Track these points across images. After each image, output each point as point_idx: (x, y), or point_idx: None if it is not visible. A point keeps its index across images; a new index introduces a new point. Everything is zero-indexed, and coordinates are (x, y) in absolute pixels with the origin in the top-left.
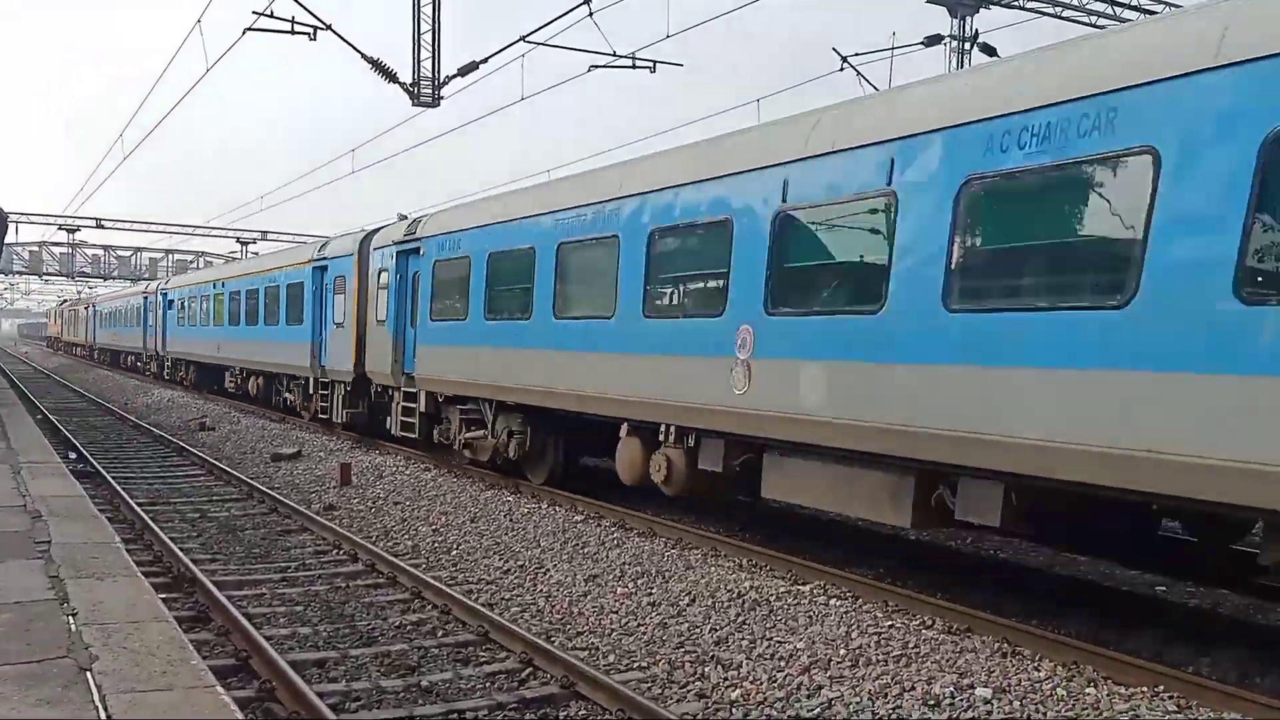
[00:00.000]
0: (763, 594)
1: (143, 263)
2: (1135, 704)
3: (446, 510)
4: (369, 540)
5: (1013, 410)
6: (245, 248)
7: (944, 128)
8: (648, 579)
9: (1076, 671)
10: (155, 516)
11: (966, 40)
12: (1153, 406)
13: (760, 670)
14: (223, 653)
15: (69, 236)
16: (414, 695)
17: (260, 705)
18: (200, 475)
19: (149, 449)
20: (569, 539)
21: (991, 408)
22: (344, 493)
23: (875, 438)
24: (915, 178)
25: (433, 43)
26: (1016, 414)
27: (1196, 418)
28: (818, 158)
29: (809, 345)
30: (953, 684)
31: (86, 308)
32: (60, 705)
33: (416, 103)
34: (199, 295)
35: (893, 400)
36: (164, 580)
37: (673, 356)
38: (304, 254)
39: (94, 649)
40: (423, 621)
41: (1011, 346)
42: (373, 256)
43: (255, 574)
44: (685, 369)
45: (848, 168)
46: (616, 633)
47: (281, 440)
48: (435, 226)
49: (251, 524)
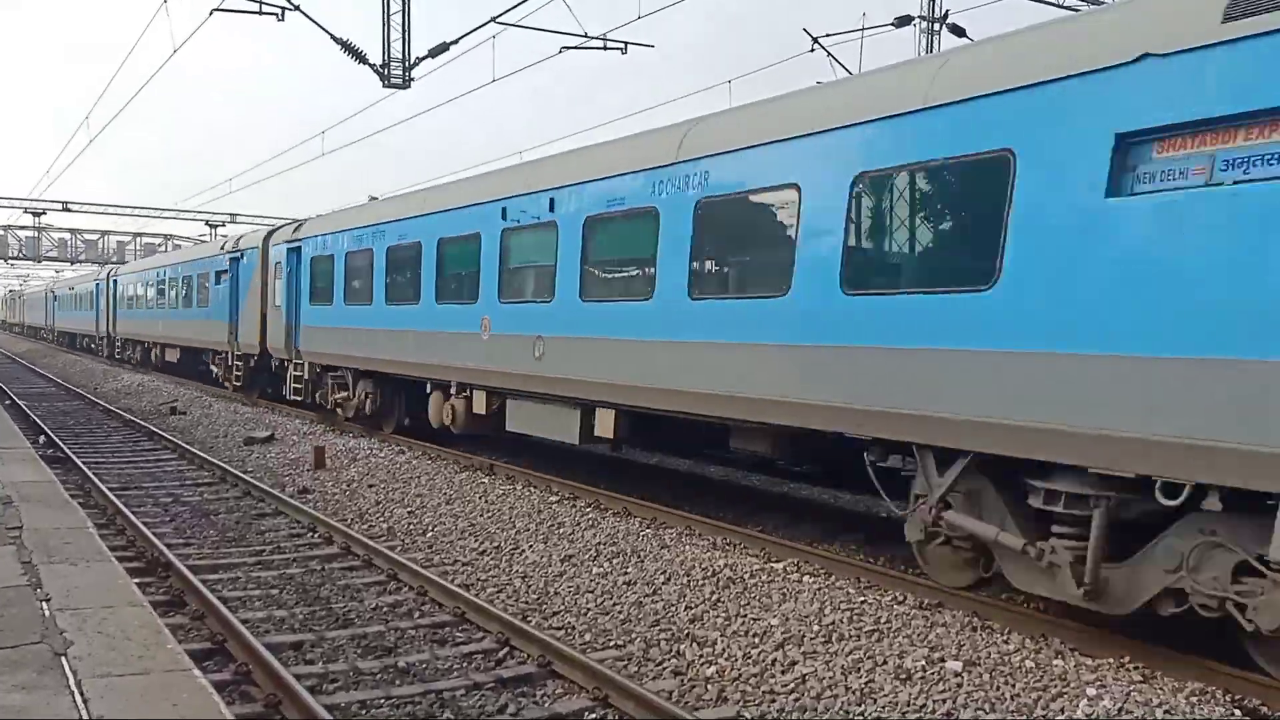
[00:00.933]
0: (737, 572)
1: (110, 246)
2: (1102, 674)
3: (422, 492)
4: (344, 523)
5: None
6: (214, 230)
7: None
8: (623, 558)
9: (1044, 644)
10: (127, 501)
11: (936, 21)
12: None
13: (735, 647)
14: (198, 636)
15: (35, 220)
16: (391, 676)
17: (237, 688)
18: (172, 459)
19: (120, 434)
20: (544, 519)
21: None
22: (318, 476)
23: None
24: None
25: (403, 24)
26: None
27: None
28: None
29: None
30: (924, 658)
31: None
32: (36, 690)
33: (387, 84)
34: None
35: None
36: (137, 565)
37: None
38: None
39: (69, 634)
40: (399, 603)
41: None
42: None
43: (230, 558)
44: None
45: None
46: (593, 612)
47: (254, 424)
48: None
49: (225, 508)
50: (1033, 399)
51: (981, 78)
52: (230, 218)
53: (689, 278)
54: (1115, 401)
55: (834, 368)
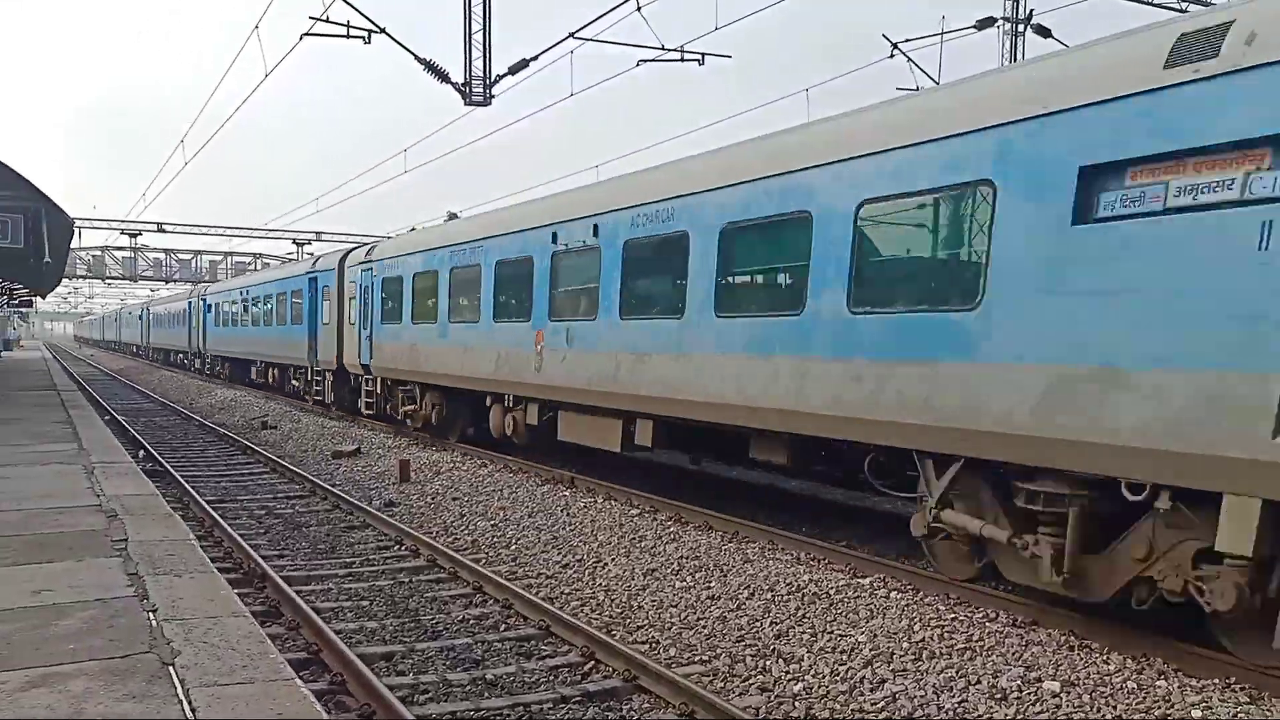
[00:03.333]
0: (822, 587)
1: (203, 266)
2: (1207, 695)
3: (504, 505)
4: (429, 536)
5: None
6: (300, 249)
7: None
8: (706, 572)
9: (1146, 664)
10: (224, 514)
11: (1020, 22)
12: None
13: (822, 664)
14: (294, 646)
15: (131, 241)
16: (480, 689)
17: (333, 698)
18: (265, 473)
19: (214, 448)
20: (626, 533)
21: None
22: (403, 489)
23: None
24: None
25: (484, 42)
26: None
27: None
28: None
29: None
30: (1019, 677)
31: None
32: (146, 700)
33: (469, 102)
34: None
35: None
36: (235, 576)
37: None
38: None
39: (175, 644)
40: (485, 615)
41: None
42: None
43: (322, 569)
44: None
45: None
46: (676, 626)
47: (341, 438)
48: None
49: (316, 520)
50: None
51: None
52: (316, 236)
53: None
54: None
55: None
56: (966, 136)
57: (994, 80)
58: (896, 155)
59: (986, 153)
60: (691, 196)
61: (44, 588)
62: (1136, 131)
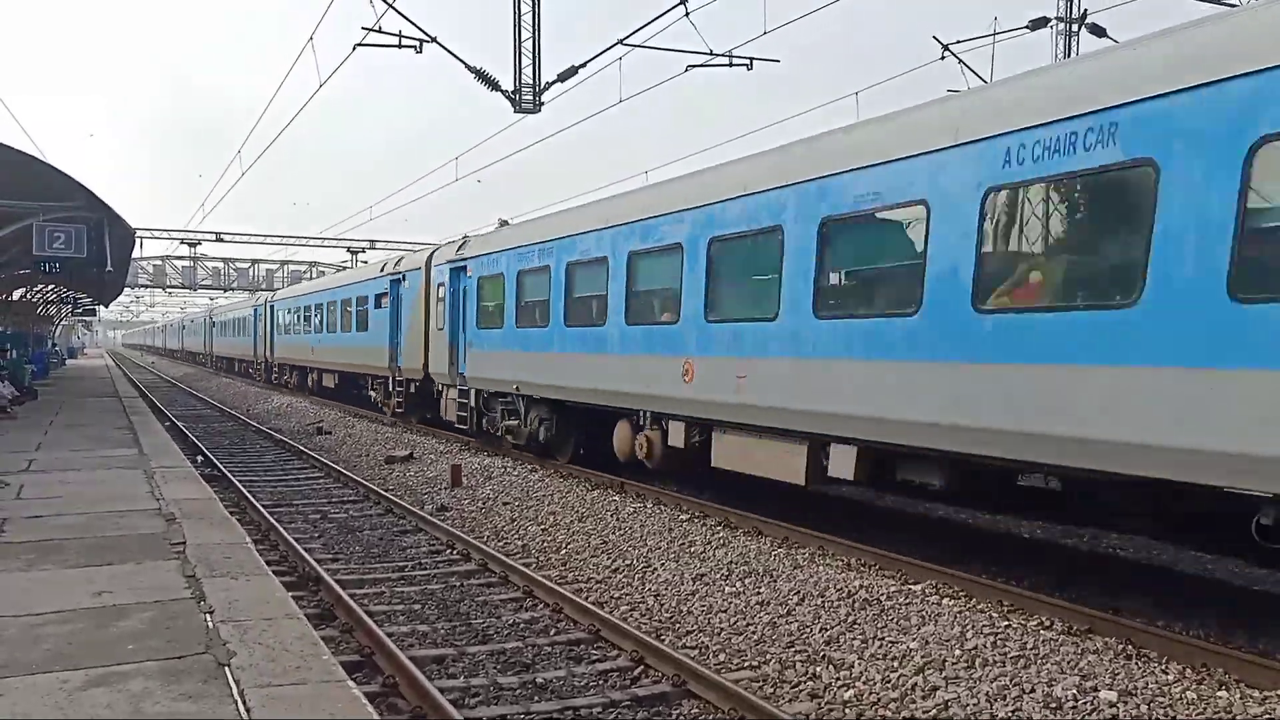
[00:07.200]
0: (873, 593)
1: (260, 274)
2: (1270, 707)
3: (554, 510)
4: (480, 540)
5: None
6: (355, 256)
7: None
8: (755, 578)
9: (1206, 674)
10: (279, 518)
11: (1074, 21)
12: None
13: (873, 670)
14: (347, 649)
15: (190, 250)
16: (530, 692)
17: (385, 700)
18: (319, 478)
19: (271, 453)
20: (675, 538)
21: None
22: (455, 494)
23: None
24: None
25: (533, 50)
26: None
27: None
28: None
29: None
30: (1075, 686)
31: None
32: (201, 700)
33: (519, 109)
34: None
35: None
36: (290, 579)
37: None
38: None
39: (231, 645)
40: (535, 620)
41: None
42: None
43: (375, 573)
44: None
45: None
46: (726, 632)
47: (394, 443)
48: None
49: (369, 524)
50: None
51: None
52: (370, 244)
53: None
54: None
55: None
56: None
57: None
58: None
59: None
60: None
61: (105, 589)
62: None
